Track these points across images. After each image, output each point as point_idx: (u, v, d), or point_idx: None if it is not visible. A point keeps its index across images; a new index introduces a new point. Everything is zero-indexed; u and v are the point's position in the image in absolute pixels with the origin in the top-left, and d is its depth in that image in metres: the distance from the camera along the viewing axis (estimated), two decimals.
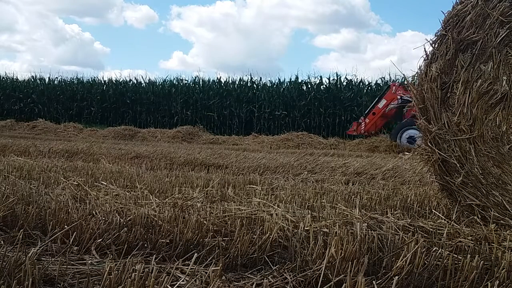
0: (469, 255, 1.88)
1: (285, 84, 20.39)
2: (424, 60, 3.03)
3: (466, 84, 2.85)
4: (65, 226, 2.17)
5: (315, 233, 2.10)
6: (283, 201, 3.01)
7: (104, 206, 2.55)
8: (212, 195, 3.22)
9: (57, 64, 53.42)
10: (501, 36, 2.75)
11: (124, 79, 22.95)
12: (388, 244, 2.02)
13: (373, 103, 13.35)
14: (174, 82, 22.04)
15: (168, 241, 2.10)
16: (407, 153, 3.71)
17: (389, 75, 19.14)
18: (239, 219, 2.39)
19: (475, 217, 2.76)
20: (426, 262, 1.86)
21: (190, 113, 20.61)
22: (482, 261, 1.83)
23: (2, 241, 2.03)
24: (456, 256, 1.96)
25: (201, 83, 21.50)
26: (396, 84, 12.86)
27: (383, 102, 12.70)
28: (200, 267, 1.85)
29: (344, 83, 19.53)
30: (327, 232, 2.19)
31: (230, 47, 47.85)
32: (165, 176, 4.17)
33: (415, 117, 11.65)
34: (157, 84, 22.24)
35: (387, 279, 1.78)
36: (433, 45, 2.98)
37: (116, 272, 1.59)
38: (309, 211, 2.70)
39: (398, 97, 12.30)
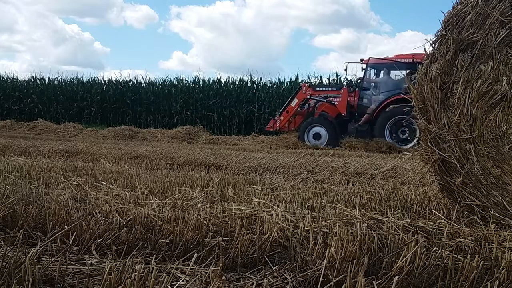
0: (469, 255, 1.88)
1: (285, 84, 20.41)
2: (424, 60, 3.03)
3: (466, 84, 2.85)
4: (65, 226, 2.17)
5: (315, 233, 2.10)
6: (283, 201, 3.01)
7: (104, 206, 2.55)
8: (212, 195, 3.22)
9: (57, 64, 53.30)
10: (501, 36, 2.75)
11: (124, 79, 22.96)
12: (388, 244, 2.02)
13: (287, 101, 14.08)
14: (174, 82, 22.05)
15: (168, 241, 2.10)
16: (407, 153, 3.71)
17: None
18: (239, 219, 2.39)
19: (475, 217, 2.76)
20: (426, 262, 1.86)
21: (190, 113, 20.60)
22: (482, 261, 1.82)
23: (2, 241, 2.03)
24: (456, 256, 1.96)
25: (201, 83, 21.51)
26: (306, 85, 13.95)
27: (295, 101, 13.52)
28: (200, 267, 1.85)
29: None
30: (327, 232, 2.19)
31: (230, 47, 47.84)
32: (165, 176, 4.17)
33: (322, 116, 11.93)
34: (157, 84, 22.24)
35: (387, 279, 1.78)
36: (433, 45, 2.98)
37: (116, 272, 1.59)
38: (309, 211, 2.70)
39: (308, 96, 13.28)
